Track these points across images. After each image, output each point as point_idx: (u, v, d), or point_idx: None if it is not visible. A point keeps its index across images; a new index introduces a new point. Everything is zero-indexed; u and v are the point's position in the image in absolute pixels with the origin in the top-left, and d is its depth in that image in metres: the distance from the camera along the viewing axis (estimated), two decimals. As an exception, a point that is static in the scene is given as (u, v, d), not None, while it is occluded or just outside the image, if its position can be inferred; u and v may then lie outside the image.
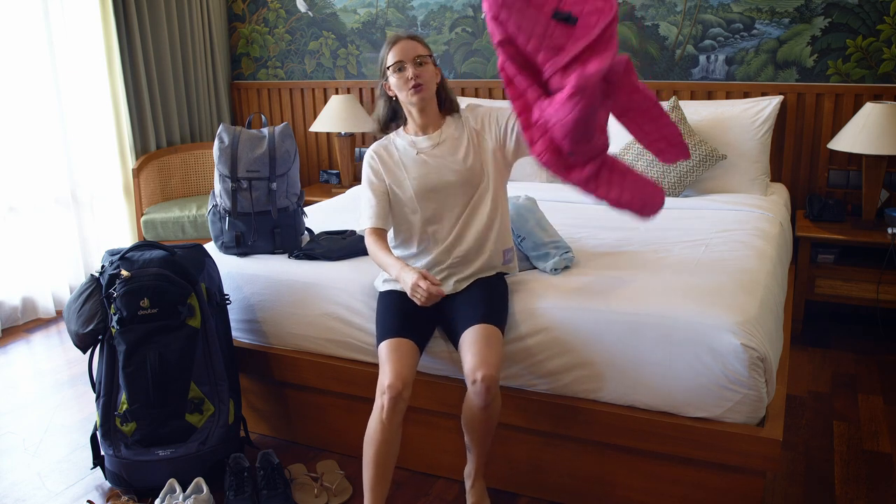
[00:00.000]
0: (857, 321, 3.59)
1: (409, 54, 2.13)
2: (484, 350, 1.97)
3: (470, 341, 2.01)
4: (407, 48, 2.14)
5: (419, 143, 2.22)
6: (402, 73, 2.14)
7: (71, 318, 2.37)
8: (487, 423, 2.04)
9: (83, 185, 4.11)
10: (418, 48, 2.16)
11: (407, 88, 2.14)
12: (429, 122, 2.22)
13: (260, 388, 2.66)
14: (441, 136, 2.21)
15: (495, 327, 2.06)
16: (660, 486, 2.11)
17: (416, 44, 2.16)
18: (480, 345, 1.98)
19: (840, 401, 2.85)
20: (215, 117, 4.78)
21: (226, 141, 2.68)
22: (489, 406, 1.97)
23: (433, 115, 2.23)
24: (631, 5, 3.81)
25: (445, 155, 2.19)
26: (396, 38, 2.18)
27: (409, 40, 2.17)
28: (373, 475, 1.99)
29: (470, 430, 2.07)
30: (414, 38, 2.18)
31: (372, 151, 2.26)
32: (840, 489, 2.30)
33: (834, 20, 3.47)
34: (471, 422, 2.05)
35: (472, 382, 1.95)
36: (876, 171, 3.29)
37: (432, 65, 2.18)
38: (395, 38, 2.18)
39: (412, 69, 2.12)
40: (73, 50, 3.99)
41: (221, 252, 2.73)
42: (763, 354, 1.95)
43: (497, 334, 2.05)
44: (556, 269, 2.35)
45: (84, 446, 2.60)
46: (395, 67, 2.14)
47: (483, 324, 2.04)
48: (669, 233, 2.77)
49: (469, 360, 1.97)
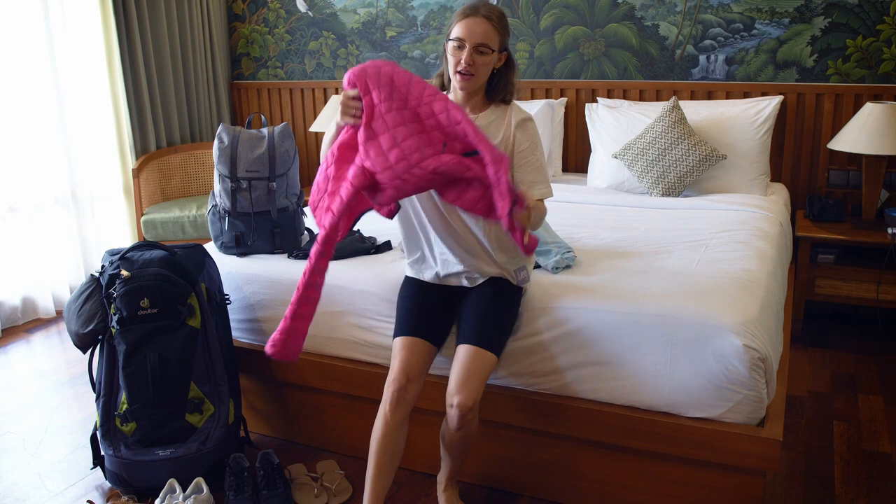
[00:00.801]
0: (857, 321, 3.59)
1: (473, 38, 1.95)
2: (467, 376, 1.95)
3: (458, 363, 2.00)
4: (474, 30, 1.95)
5: None
6: (458, 50, 1.98)
7: (71, 318, 2.37)
8: (462, 444, 2.06)
9: (83, 185, 4.11)
10: (486, 34, 1.96)
11: (455, 70, 1.99)
12: (468, 106, 2.08)
13: (260, 388, 2.66)
14: (476, 123, 2.01)
15: (489, 353, 2.01)
16: (660, 486, 2.11)
17: (486, 28, 1.96)
18: (465, 370, 1.96)
19: (840, 401, 2.85)
20: (215, 117, 4.78)
21: (225, 141, 2.68)
22: (463, 430, 1.98)
23: (476, 100, 2.08)
24: (631, 5, 3.81)
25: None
26: (471, 12, 1.98)
27: (482, 20, 1.96)
28: (373, 469, 1.99)
29: (445, 445, 2.10)
30: (488, 19, 1.97)
31: None
32: (840, 489, 2.30)
33: (834, 20, 3.47)
34: (445, 439, 2.08)
35: (449, 406, 1.95)
36: (876, 171, 3.29)
37: (495, 54, 2.00)
38: (470, 10, 1.98)
39: (469, 55, 1.96)
40: (73, 50, 3.99)
41: (221, 252, 2.73)
42: (764, 355, 1.95)
43: (487, 361, 2.00)
44: (557, 269, 2.35)
45: (84, 446, 2.60)
46: (456, 43, 1.98)
47: (476, 346, 2.00)
48: (670, 233, 2.77)
49: (451, 383, 1.97)
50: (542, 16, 4.00)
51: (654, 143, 3.40)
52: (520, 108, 2.12)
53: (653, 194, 3.42)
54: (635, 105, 3.71)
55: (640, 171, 3.44)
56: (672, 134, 3.38)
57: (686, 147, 3.34)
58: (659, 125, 3.42)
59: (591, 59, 3.96)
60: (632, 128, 3.58)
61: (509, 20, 4.06)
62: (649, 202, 3.32)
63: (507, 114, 2.09)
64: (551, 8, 3.97)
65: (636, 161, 3.45)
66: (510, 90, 2.09)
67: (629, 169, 3.49)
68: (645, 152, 3.42)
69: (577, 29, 3.95)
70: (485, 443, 2.29)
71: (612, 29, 3.87)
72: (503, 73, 2.07)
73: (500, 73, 2.07)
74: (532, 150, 2.07)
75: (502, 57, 2.05)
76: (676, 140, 3.36)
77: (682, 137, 3.36)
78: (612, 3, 3.84)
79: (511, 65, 2.09)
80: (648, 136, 3.44)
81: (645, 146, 3.43)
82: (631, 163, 3.47)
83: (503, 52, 2.05)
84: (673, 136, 3.37)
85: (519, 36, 4.07)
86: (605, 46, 3.91)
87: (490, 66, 2.02)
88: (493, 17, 1.98)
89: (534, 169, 2.07)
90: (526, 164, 2.06)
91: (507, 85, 2.08)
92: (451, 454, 2.11)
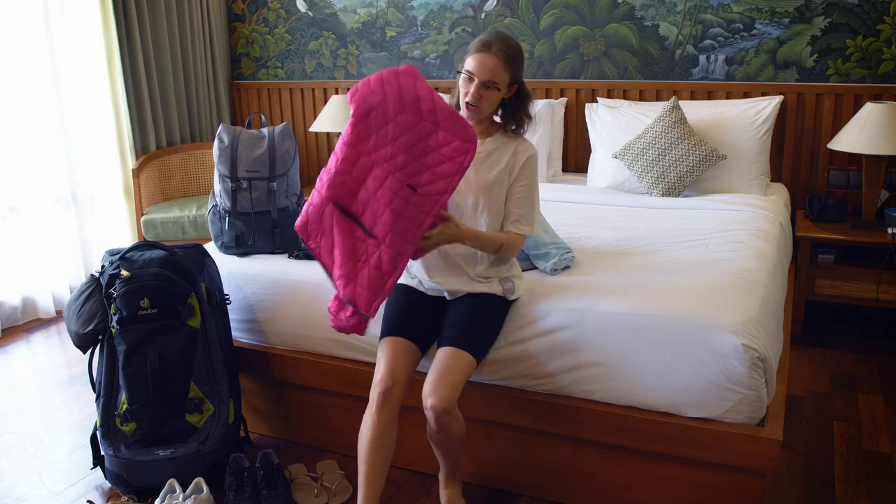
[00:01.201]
0: (857, 321, 3.59)
1: (483, 73, 2.00)
2: (441, 378, 1.95)
3: (435, 364, 2.00)
4: (485, 66, 2.00)
5: None
6: (468, 82, 2.04)
7: (71, 318, 2.37)
8: (448, 444, 2.06)
9: (83, 185, 4.11)
10: (495, 72, 2.00)
11: (464, 100, 2.06)
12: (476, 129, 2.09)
13: (260, 388, 2.66)
14: (481, 147, 2.10)
15: (467, 354, 2.01)
16: (660, 486, 2.12)
17: (496, 65, 2.00)
18: (441, 372, 1.97)
19: (840, 401, 2.85)
20: (215, 117, 4.78)
21: (226, 141, 2.68)
22: (442, 431, 1.99)
23: (484, 126, 2.13)
24: (631, 5, 3.81)
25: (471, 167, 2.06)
26: (484, 48, 2.02)
27: (493, 57, 2.00)
28: (364, 472, 1.99)
29: (433, 445, 2.11)
30: (499, 57, 2.01)
31: None
32: (840, 489, 2.30)
33: (834, 20, 3.47)
34: (432, 439, 2.09)
35: (424, 408, 1.96)
36: (876, 171, 3.29)
37: (504, 90, 2.06)
38: (483, 47, 2.02)
39: (476, 89, 2.02)
40: (73, 50, 3.99)
41: (221, 252, 2.73)
42: (763, 354, 1.95)
43: (465, 362, 2.00)
44: (555, 270, 2.35)
45: (84, 446, 2.60)
46: (466, 75, 2.04)
47: (455, 348, 2.01)
48: (669, 233, 2.77)
49: (425, 385, 1.97)
50: (542, 16, 4.00)
51: (654, 143, 3.40)
52: (526, 140, 2.16)
53: (653, 194, 3.42)
54: (635, 105, 3.71)
55: (640, 171, 3.44)
56: (672, 134, 3.38)
57: (686, 147, 3.35)
58: (659, 125, 3.42)
59: (591, 59, 3.96)
60: (632, 128, 3.58)
61: (509, 20, 4.08)
62: (649, 202, 3.32)
63: (514, 144, 2.13)
64: (551, 8, 3.97)
65: (636, 161, 3.45)
66: (521, 121, 2.14)
67: (629, 169, 3.49)
68: (645, 152, 3.42)
69: (577, 29, 3.95)
70: (485, 443, 2.29)
71: (612, 29, 3.87)
72: (514, 103, 2.12)
73: (510, 102, 2.12)
74: (528, 188, 2.13)
75: (512, 89, 2.10)
76: (676, 140, 3.36)
77: (682, 137, 3.36)
78: (612, 3, 3.84)
79: (522, 96, 2.12)
80: (648, 136, 3.44)
81: (645, 146, 3.43)
82: (631, 163, 3.47)
83: (513, 85, 2.09)
84: (673, 136, 3.37)
85: (519, 36, 4.07)
86: (605, 46, 3.91)
87: (496, 101, 2.08)
88: (505, 55, 2.02)
89: (525, 204, 2.13)
90: (521, 199, 2.12)
91: (517, 114, 2.13)
92: (441, 453, 2.12)
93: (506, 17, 4.09)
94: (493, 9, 4.11)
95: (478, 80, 2.02)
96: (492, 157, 2.11)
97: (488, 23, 4.13)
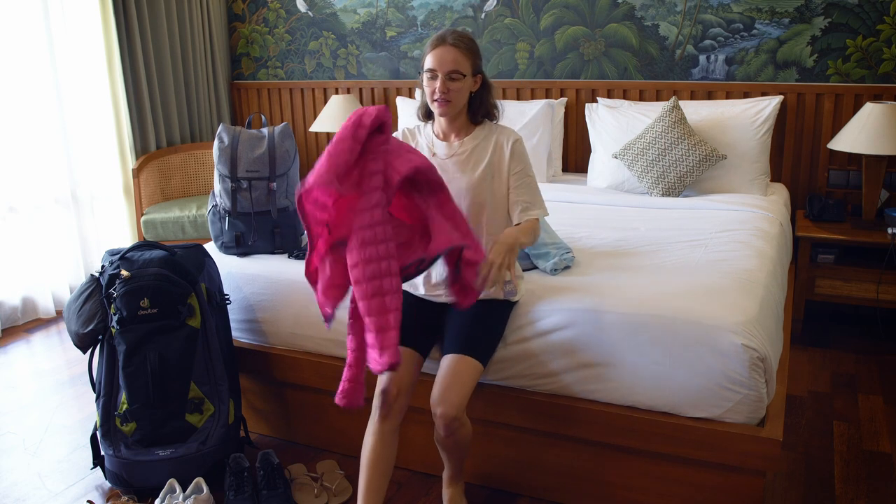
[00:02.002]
0: (857, 321, 3.59)
1: (444, 66, 2.02)
2: (450, 386, 1.96)
3: (442, 372, 2.00)
4: (445, 59, 2.02)
5: (437, 148, 2.16)
6: (432, 81, 2.05)
7: (71, 318, 2.37)
8: (456, 448, 2.07)
9: (83, 185, 4.11)
10: (456, 62, 2.02)
11: (432, 99, 2.06)
12: (452, 131, 2.15)
13: (260, 388, 2.66)
14: (461, 148, 2.13)
15: (474, 360, 2.02)
16: (660, 486, 2.12)
17: (455, 55, 2.02)
18: (449, 380, 1.97)
19: (840, 401, 2.85)
20: (215, 117, 4.78)
21: (226, 141, 2.68)
22: (451, 437, 2.00)
23: (460, 125, 2.15)
24: (631, 5, 3.81)
25: (456, 170, 2.11)
26: (439, 42, 2.04)
27: (450, 48, 2.02)
28: (365, 480, 1.98)
29: (440, 448, 2.12)
30: (456, 46, 2.03)
31: (405, 128, 2.25)
32: (840, 489, 2.30)
33: (834, 20, 3.47)
34: (439, 443, 2.09)
35: (434, 415, 1.97)
36: (876, 171, 3.29)
37: (469, 78, 2.06)
38: (437, 41, 2.05)
39: (442, 83, 2.02)
40: (73, 50, 3.99)
41: (221, 252, 2.73)
42: (763, 354, 1.95)
43: (472, 368, 2.01)
44: (555, 270, 2.35)
45: (84, 446, 2.60)
46: (428, 74, 2.05)
47: (461, 355, 2.01)
48: (669, 233, 2.77)
49: (434, 393, 1.97)
50: (542, 16, 4.00)
51: (654, 143, 3.40)
52: (505, 128, 2.17)
53: (653, 194, 3.42)
54: (635, 105, 3.71)
55: (640, 171, 3.44)
56: (672, 134, 3.38)
57: (686, 147, 3.35)
58: (659, 125, 3.42)
59: (591, 59, 3.96)
60: (632, 128, 3.58)
61: (509, 20, 4.08)
62: (649, 202, 3.32)
63: (493, 136, 2.15)
64: (551, 8, 3.97)
65: (636, 161, 3.45)
66: (490, 109, 2.17)
67: (629, 169, 3.49)
68: (645, 152, 3.42)
69: (577, 29, 3.95)
70: (485, 443, 2.29)
71: (612, 29, 3.87)
72: (480, 96, 2.14)
73: (477, 95, 2.13)
74: (526, 172, 2.15)
75: (477, 80, 2.11)
76: (676, 140, 3.36)
77: (682, 137, 3.36)
78: (612, 3, 3.84)
79: (487, 86, 2.15)
80: (648, 136, 3.44)
81: (645, 146, 3.43)
82: (631, 163, 3.47)
83: (477, 75, 2.11)
84: (673, 136, 3.37)
85: (519, 36, 4.07)
86: (605, 46, 3.91)
87: (466, 91, 2.09)
88: (461, 44, 2.05)
89: (529, 190, 2.14)
90: (522, 186, 2.13)
91: (485, 105, 2.15)
92: (447, 456, 2.12)
93: (506, 17, 4.09)
94: (493, 9, 4.11)
95: (441, 74, 2.02)
96: (474, 154, 2.13)
97: (488, 23, 4.13)
